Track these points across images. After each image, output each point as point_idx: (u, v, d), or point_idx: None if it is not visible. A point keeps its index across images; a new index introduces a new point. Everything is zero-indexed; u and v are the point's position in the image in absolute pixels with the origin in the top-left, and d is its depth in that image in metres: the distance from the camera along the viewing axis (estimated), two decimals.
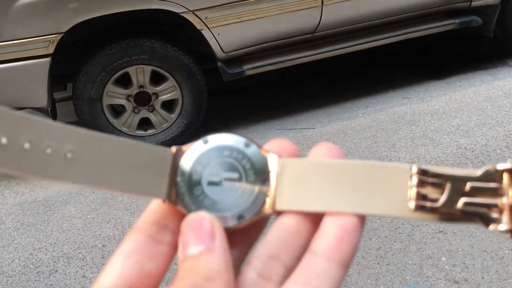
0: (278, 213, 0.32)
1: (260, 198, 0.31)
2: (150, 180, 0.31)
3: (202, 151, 0.32)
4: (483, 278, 1.70)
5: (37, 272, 2.05)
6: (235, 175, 0.32)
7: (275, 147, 0.33)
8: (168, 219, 0.31)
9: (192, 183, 0.31)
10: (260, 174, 0.32)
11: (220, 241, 0.30)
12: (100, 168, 0.30)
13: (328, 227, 0.31)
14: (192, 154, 0.32)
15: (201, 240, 0.29)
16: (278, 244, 0.31)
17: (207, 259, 0.29)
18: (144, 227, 0.31)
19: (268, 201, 0.31)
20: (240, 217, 0.31)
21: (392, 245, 1.91)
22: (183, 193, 0.31)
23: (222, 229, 0.30)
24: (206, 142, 0.32)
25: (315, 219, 0.32)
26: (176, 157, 0.32)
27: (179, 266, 0.29)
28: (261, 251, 0.31)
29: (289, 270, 0.31)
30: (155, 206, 0.32)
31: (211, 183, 0.31)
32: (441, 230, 1.94)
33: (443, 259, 1.80)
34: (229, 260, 0.29)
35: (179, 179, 0.31)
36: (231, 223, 0.31)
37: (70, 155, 0.29)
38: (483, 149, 2.46)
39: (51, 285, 1.97)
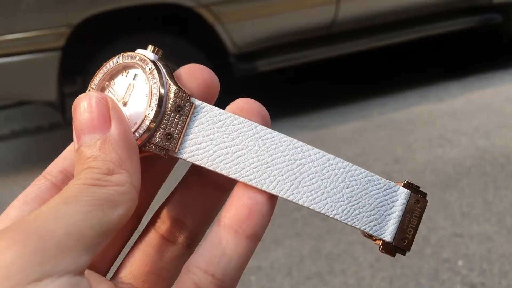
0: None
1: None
2: None
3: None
4: (500, 283, 1.64)
5: None
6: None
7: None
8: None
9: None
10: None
11: (117, 127, 0.27)
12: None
13: (238, 199, 0.29)
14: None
15: (95, 126, 0.26)
16: (182, 208, 0.31)
17: (104, 152, 0.26)
18: (51, 173, 0.30)
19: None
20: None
21: None
22: None
23: (120, 112, 0.27)
24: None
25: (222, 185, 0.32)
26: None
27: (75, 155, 0.27)
28: (164, 213, 0.31)
29: (195, 235, 0.32)
30: (66, 154, 0.31)
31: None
32: (458, 233, 1.88)
33: (460, 263, 1.74)
34: (134, 147, 0.27)
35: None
36: None
37: None
38: (503, 151, 2.39)
39: None
